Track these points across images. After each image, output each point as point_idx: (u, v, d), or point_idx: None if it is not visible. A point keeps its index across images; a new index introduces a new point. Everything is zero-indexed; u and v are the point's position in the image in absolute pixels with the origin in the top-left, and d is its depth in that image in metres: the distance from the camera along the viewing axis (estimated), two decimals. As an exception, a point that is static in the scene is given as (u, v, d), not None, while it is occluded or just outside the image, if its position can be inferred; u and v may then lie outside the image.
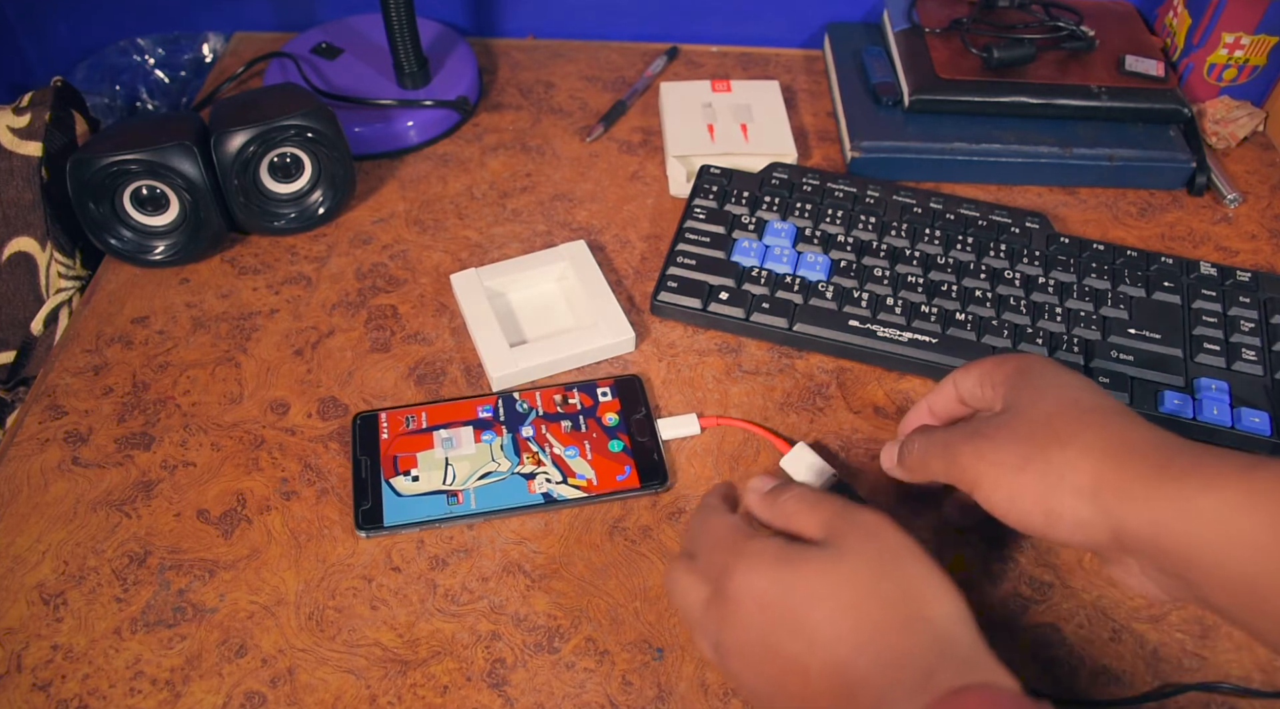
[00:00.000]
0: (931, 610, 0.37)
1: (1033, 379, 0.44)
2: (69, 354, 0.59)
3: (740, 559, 0.39)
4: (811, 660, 0.37)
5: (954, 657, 0.35)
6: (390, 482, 0.52)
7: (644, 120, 0.76)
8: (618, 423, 0.55)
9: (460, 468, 0.53)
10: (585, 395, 0.56)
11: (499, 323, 0.59)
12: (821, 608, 0.37)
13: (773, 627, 0.37)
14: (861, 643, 0.36)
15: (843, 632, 0.36)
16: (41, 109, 0.61)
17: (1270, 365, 0.57)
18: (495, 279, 0.61)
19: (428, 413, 0.55)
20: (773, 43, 0.84)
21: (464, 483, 0.52)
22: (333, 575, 0.50)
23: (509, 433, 0.54)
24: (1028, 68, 0.72)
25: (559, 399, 0.56)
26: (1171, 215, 0.70)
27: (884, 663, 0.35)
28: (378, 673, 0.46)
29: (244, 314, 0.62)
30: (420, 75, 0.73)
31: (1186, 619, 0.49)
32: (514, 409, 0.55)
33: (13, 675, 0.46)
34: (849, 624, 0.36)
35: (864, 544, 0.38)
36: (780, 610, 0.37)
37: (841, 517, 0.40)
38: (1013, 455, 0.42)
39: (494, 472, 0.53)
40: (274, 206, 0.64)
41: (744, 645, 0.38)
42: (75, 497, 0.53)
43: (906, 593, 0.37)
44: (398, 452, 0.53)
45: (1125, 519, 0.39)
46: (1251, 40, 0.72)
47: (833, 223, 0.63)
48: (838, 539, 0.39)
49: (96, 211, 0.60)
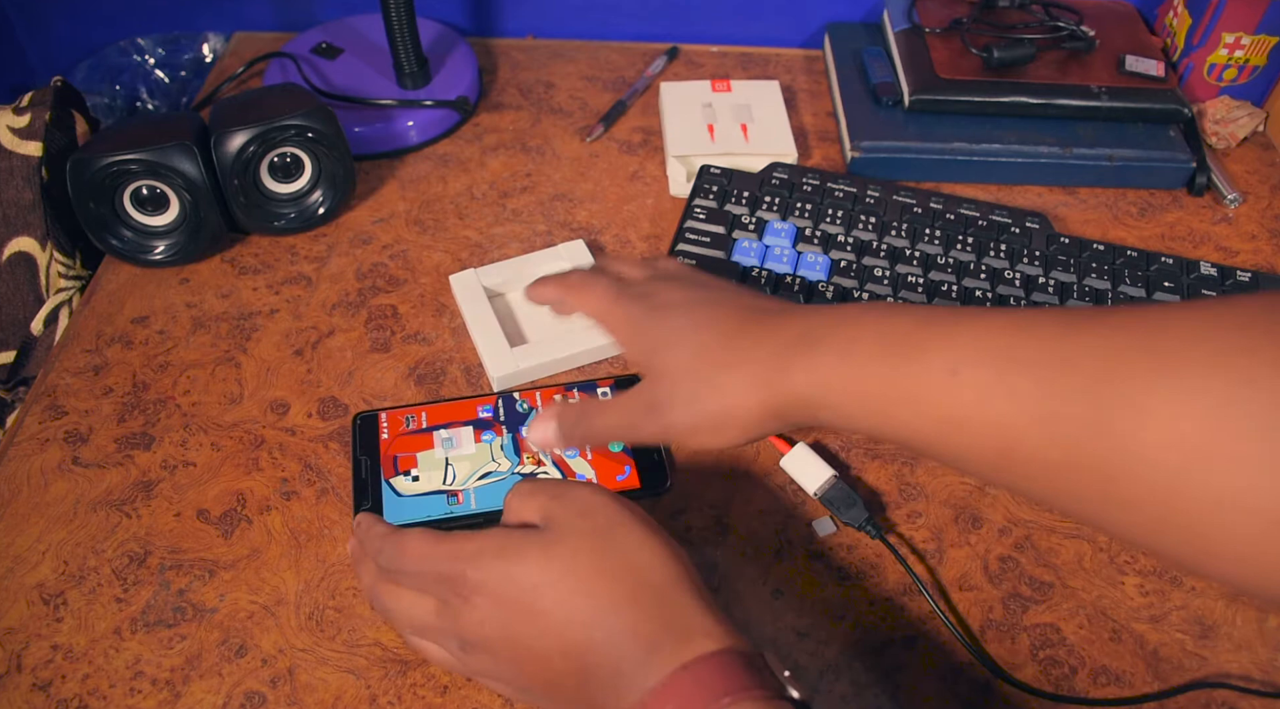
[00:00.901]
0: (654, 577, 0.38)
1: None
2: (69, 354, 0.59)
3: (462, 562, 0.39)
4: (550, 645, 0.38)
5: (678, 624, 0.37)
6: (390, 482, 0.52)
7: (644, 120, 0.76)
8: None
9: (460, 468, 0.53)
10: (585, 395, 0.56)
11: (498, 323, 0.59)
12: (549, 593, 0.38)
13: (509, 618, 0.39)
14: (591, 621, 0.37)
15: (573, 614, 0.38)
16: (41, 109, 0.61)
17: (1270, 365, 0.57)
18: (494, 279, 0.61)
19: (428, 413, 0.55)
20: (773, 43, 0.84)
21: (464, 483, 0.52)
22: (333, 575, 0.50)
23: (509, 433, 0.54)
24: (1028, 68, 0.72)
25: (559, 399, 0.56)
26: (1171, 215, 0.70)
27: (614, 639, 0.37)
28: (378, 673, 0.46)
29: (244, 314, 0.62)
30: (420, 75, 0.73)
31: (1186, 619, 0.49)
32: (514, 409, 0.55)
33: (13, 675, 0.46)
34: (578, 605, 0.38)
35: (580, 522, 0.40)
36: (513, 601, 0.38)
37: (555, 499, 0.41)
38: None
39: (494, 471, 0.53)
40: (274, 206, 0.64)
41: (488, 640, 0.39)
42: (75, 497, 0.53)
43: (629, 563, 0.38)
44: (398, 452, 0.53)
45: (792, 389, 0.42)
46: (1251, 40, 0.72)
47: (833, 223, 0.63)
48: (555, 522, 0.40)
49: (96, 211, 0.60)
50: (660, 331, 0.46)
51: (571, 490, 0.41)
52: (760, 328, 0.44)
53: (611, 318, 0.48)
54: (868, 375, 0.40)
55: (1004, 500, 0.53)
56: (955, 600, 0.49)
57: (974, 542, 0.52)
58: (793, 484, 0.53)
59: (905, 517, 0.52)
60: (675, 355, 0.45)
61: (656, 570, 0.38)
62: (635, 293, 0.48)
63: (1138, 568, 0.51)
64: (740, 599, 0.49)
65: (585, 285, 0.50)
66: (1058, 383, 0.35)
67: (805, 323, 0.43)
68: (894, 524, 0.52)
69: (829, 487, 0.52)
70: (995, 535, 0.52)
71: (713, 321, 0.45)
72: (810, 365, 0.41)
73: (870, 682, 0.47)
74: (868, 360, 0.40)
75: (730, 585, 0.50)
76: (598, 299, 0.49)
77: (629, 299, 0.48)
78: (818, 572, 0.50)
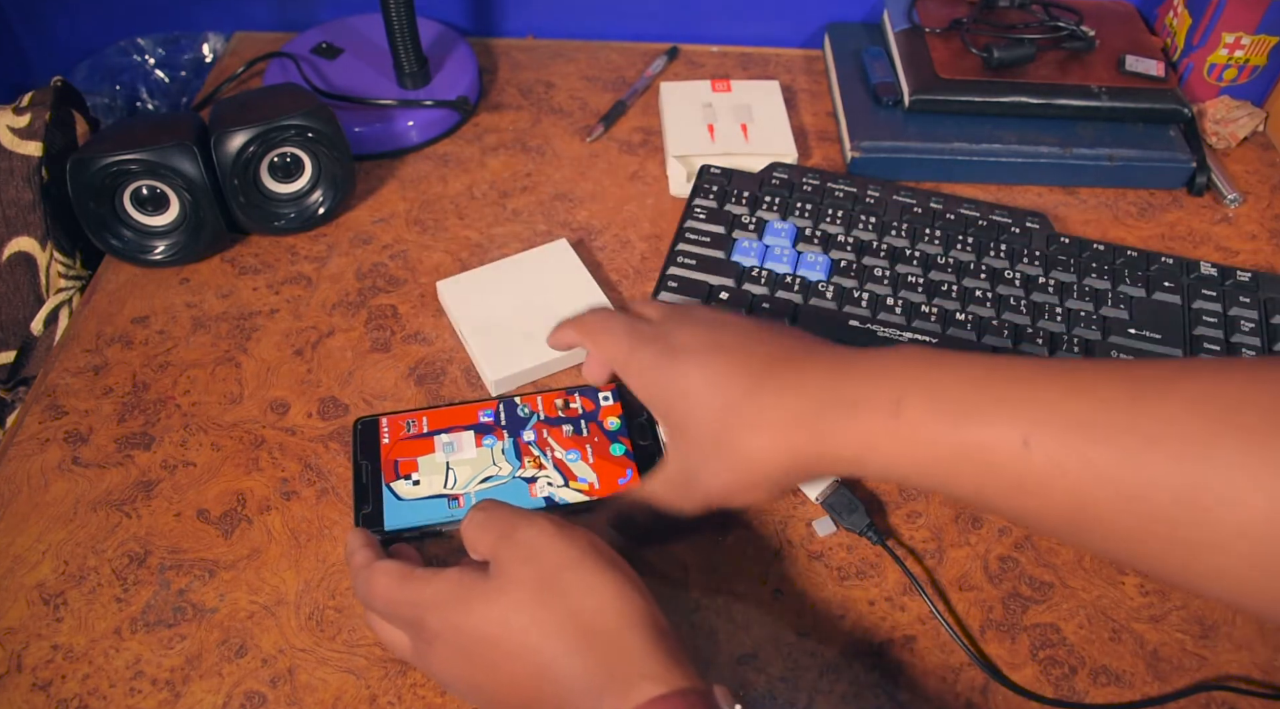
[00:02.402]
0: (601, 621, 0.38)
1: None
2: (69, 354, 0.59)
3: (421, 609, 0.40)
4: (507, 694, 0.39)
5: (622, 671, 0.36)
6: (391, 486, 0.52)
7: (644, 120, 0.76)
8: (619, 427, 0.55)
9: (461, 472, 0.53)
10: (587, 399, 0.56)
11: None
12: (499, 646, 0.38)
13: (467, 666, 0.39)
14: (539, 674, 0.37)
15: (521, 667, 0.38)
16: (41, 109, 0.61)
17: (1270, 365, 0.57)
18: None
19: (429, 417, 0.55)
20: (773, 43, 0.84)
21: (465, 487, 0.52)
22: (333, 575, 0.50)
23: (510, 437, 0.54)
24: (1028, 68, 0.72)
25: (560, 403, 0.55)
26: (1171, 215, 0.70)
27: (561, 692, 0.37)
28: (378, 673, 0.46)
29: (244, 314, 0.62)
30: (420, 75, 0.73)
31: (1186, 619, 0.49)
32: (515, 414, 0.55)
33: (13, 675, 0.46)
34: (525, 659, 0.38)
35: (524, 570, 0.39)
36: (468, 652, 0.39)
37: (503, 539, 0.40)
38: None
39: (495, 476, 0.52)
40: (274, 206, 0.64)
41: (454, 681, 0.41)
42: (75, 497, 0.53)
43: (574, 609, 0.38)
44: (398, 456, 0.53)
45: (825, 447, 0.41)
46: (1251, 40, 0.72)
47: (833, 223, 0.63)
48: (502, 566, 0.40)
49: (96, 211, 0.60)
50: (676, 383, 0.45)
51: (519, 530, 0.40)
52: (780, 381, 0.43)
53: (628, 367, 0.47)
54: (926, 439, 0.39)
55: (1004, 500, 0.53)
56: (955, 600, 0.49)
57: (974, 542, 0.52)
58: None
59: (905, 517, 0.52)
60: (697, 416, 0.44)
61: (604, 614, 0.38)
62: (650, 334, 0.47)
63: (1138, 568, 0.51)
64: (740, 599, 0.49)
65: (604, 329, 0.49)
66: (1138, 456, 0.35)
67: (836, 377, 0.42)
68: (894, 527, 0.52)
69: (831, 492, 0.52)
70: (995, 535, 0.52)
71: (729, 375, 0.44)
72: (851, 428, 0.40)
73: (870, 682, 0.47)
74: (924, 422, 0.39)
75: (730, 585, 0.50)
76: (614, 344, 0.48)
77: (643, 342, 0.47)
78: (818, 572, 0.50)
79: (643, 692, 0.35)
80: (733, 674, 0.47)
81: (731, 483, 0.44)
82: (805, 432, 0.41)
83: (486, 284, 0.61)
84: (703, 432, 0.44)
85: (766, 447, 0.42)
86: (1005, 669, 0.47)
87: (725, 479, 0.44)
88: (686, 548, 0.51)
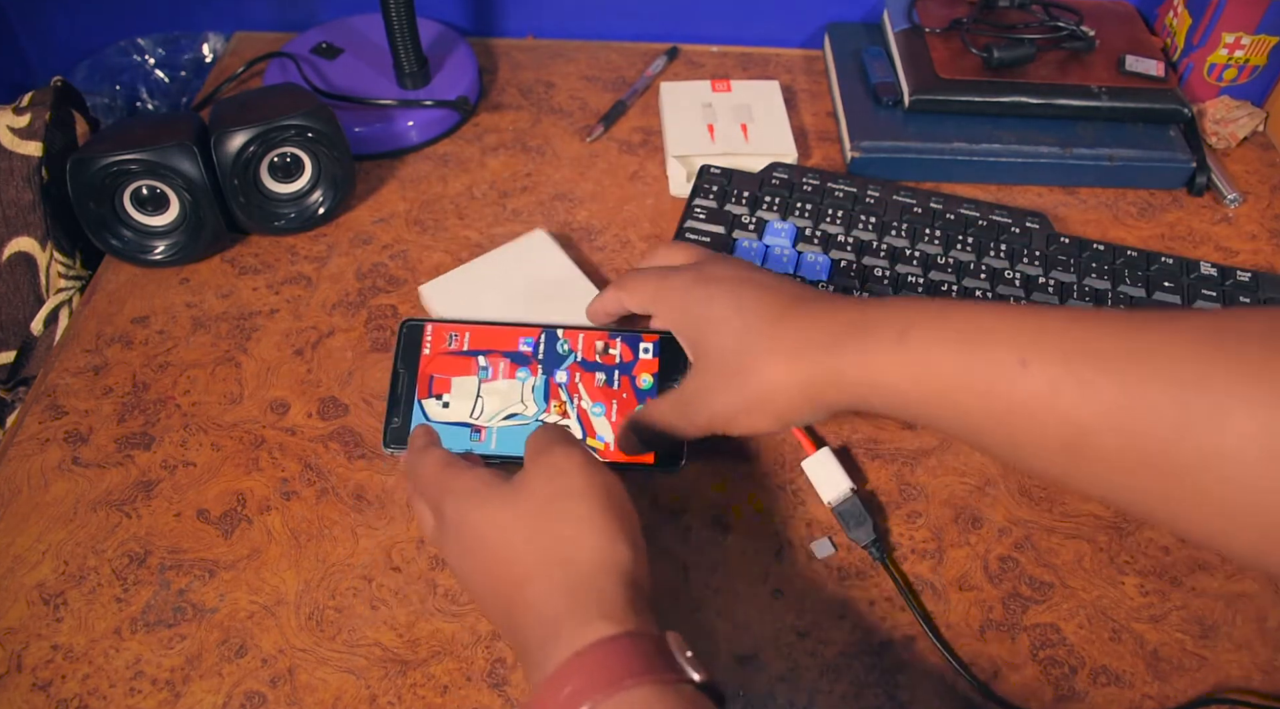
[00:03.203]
0: (582, 556, 0.39)
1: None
2: (69, 354, 0.59)
3: (445, 495, 0.43)
4: (489, 593, 0.41)
5: (582, 609, 0.37)
6: (423, 403, 0.53)
7: (644, 120, 0.76)
8: (650, 386, 0.54)
9: (490, 403, 0.53)
10: (627, 348, 0.55)
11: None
12: (491, 550, 0.41)
13: (466, 556, 0.42)
14: (514, 586, 0.39)
15: (503, 575, 0.40)
16: (41, 109, 0.61)
17: (1270, 365, 0.57)
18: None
19: (471, 333, 0.55)
20: (773, 43, 0.84)
21: (490, 419, 0.52)
22: (333, 575, 0.50)
23: (544, 374, 0.54)
24: (1028, 68, 0.72)
25: (600, 346, 0.55)
26: (1171, 215, 0.70)
27: (529, 610, 0.38)
28: (378, 673, 0.46)
29: (244, 314, 0.62)
30: (420, 75, 0.73)
31: (1186, 619, 0.49)
32: (554, 349, 0.55)
33: (13, 675, 0.46)
34: (507, 570, 0.40)
35: (543, 484, 0.41)
36: (468, 542, 0.42)
37: (540, 454, 0.43)
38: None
39: (520, 413, 0.53)
40: (274, 206, 0.64)
41: (457, 566, 0.43)
42: (75, 497, 0.53)
43: (561, 537, 0.40)
44: (435, 371, 0.54)
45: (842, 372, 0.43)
46: (1251, 40, 0.72)
47: (833, 223, 0.63)
48: (528, 475, 0.42)
49: (96, 211, 0.60)
50: (705, 309, 0.48)
51: (555, 452, 0.42)
52: (807, 313, 0.45)
53: (659, 298, 0.51)
54: (929, 361, 0.41)
55: (1004, 500, 0.53)
56: (955, 601, 0.49)
57: (974, 542, 0.52)
58: (793, 485, 0.53)
59: (905, 517, 0.52)
60: (719, 338, 0.47)
61: (587, 550, 0.39)
62: (681, 270, 0.51)
63: (1138, 568, 0.51)
64: (740, 599, 0.49)
65: (634, 277, 0.53)
66: (1136, 381, 0.36)
67: (856, 311, 0.44)
68: (894, 528, 0.52)
69: (844, 500, 0.51)
70: (995, 535, 0.52)
71: (758, 304, 0.47)
72: (863, 349, 0.42)
73: (870, 682, 0.47)
74: (929, 346, 0.41)
75: (730, 585, 0.50)
76: (644, 284, 0.52)
77: (675, 275, 0.50)
78: (817, 572, 0.50)
79: (596, 630, 0.36)
80: (733, 674, 0.47)
81: (739, 405, 0.46)
82: (817, 357, 0.44)
83: (470, 283, 0.61)
84: (723, 354, 0.46)
85: (780, 371, 0.44)
86: (1005, 669, 0.47)
87: (733, 400, 0.46)
88: (687, 548, 0.51)
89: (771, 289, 0.47)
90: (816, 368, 0.43)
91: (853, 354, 0.42)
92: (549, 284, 0.61)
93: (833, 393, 0.44)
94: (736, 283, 0.48)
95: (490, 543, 0.41)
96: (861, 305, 0.45)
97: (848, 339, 0.43)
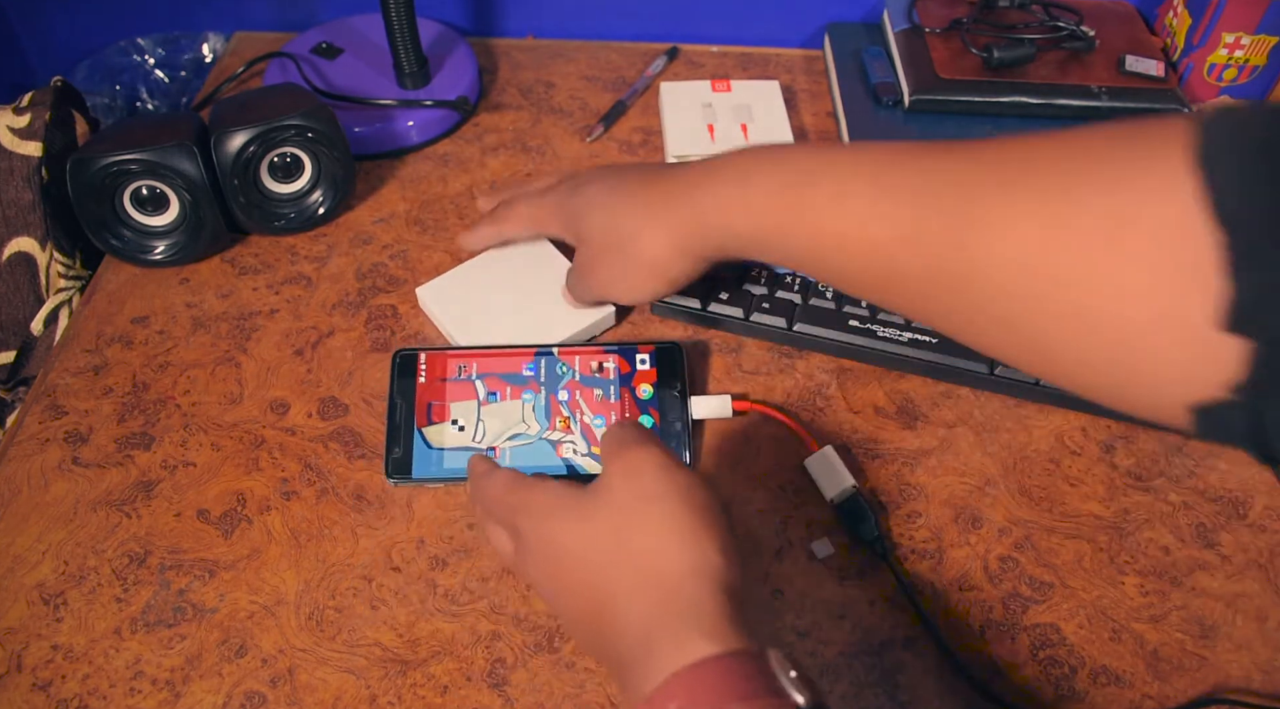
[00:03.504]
0: (671, 564, 0.38)
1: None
2: (69, 354, 0.59)
3: (519, 514, 0.42)
4: (579, 607, 0.40)
5: (678, 623, 0.36)
6: (422, 431, 0.52)
7: (644, 120, 0.76)
8: (651, 396, 0.54)
9: (491, 425, 0.53)
10: (623, 360, 0.55)
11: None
12: (576, 562, 0.39)
13: (549, 575, 0.41)
14: (604, 603, 0.38)
15: (589, 588, 0.39)
16: (41, 109, 0.61)
17: (1270, 365, 0.57)
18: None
19: (466, 359, 0.55)
20: (773, 43, 0.84)
21: (493, 441, 0.52)
22: (333, 575, 0.50)
23: (544, 392, 0.54)
24: (1028, 68, 0.72)
25: (595, 364, 0.55)
26: (1171, 215, 0.70)
27: (619, 626, 0.37)
28: (378, 673, 0.46)
29: (244, 314, 0.62)
30: (420, 75, 0.73)
31: (1186, 619, 0.49)
32: (553, 369, 0.55)
33: (13, 675, 0.46)
34: (592, 583, 0.39)
35: (622, 486, 0.40)
36: (551, 560, 0.40)
37: (617, 454, 0.41)
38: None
39: (523, 433, 0.53)
40: (274, 206, 0.64)
41: (541, 586, 0.41)
42: (75, 497, 0.53)
43: (646, 548, 0.38)
44: (433, 398, 0.54)
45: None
46: (1251, 40, 0.72)
47: (833, 223, 0.63)
48: (606, 479, 0.41)
49: (96, 211, 0.60)
50: (579, 202, 0.55)
51: (632, 449, 0.41)
52: (668, 175, 0.52)
53: (541, 213, 0.57)
54: (765, 197, 0.46)
55: (1004, 500, 0.53)
56: (955, 601, 0.49)
57: (974, 542, 0.52)
58: (793, 485, 0.53)
59: (905, 517, 0.52)
60: (594, 217, 0.53)
61: (674, 558, 0.38)
62: (554, 186, 0.58)
63: (1138, 568, 0.51)
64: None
65: (508, 209, 0.59)
66: (922, 207, 0.40)
67: (707, 164, 0.50)
68: (894, 528, 0.52)
69: (845, 496, 0.51)
70: (995, 535, 0.52)
71: (622, 184, 0.53)
72: (712, 192, 0.48)
73: (870, 682, 0.47)
74: (764, 185, 0.46)
75: (730, 585, 0.50)
76: (523, 209, 0.58)
77: (552, 191, 0.58)
78: (818, 572, 0.50)
79: (696, 648, 0.34)
80: (733, 674, 0.47)
81: (620, 270, 0.53)
82: (678, 209, 0.50)
83: (466, 284, 0.61)
84: (601, 230, 0.53)
85: (649, 228, 0.51)
86: (1005, 669, 0.47)
87: (615, 266, 0.53)
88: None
89: (636, 168, 0.55)
90: (678, 218, 0.50)
91: (707, 199, 0.48)
92: (545, 284, 0.61)
93: (698, 241, 0.50)
94: (605, 172, 0.55)
95: (573, 559, 0.39)
96: (710, 160, 0.50)
97: (701, 188, 0.49)
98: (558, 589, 0.40)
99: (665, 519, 0.38)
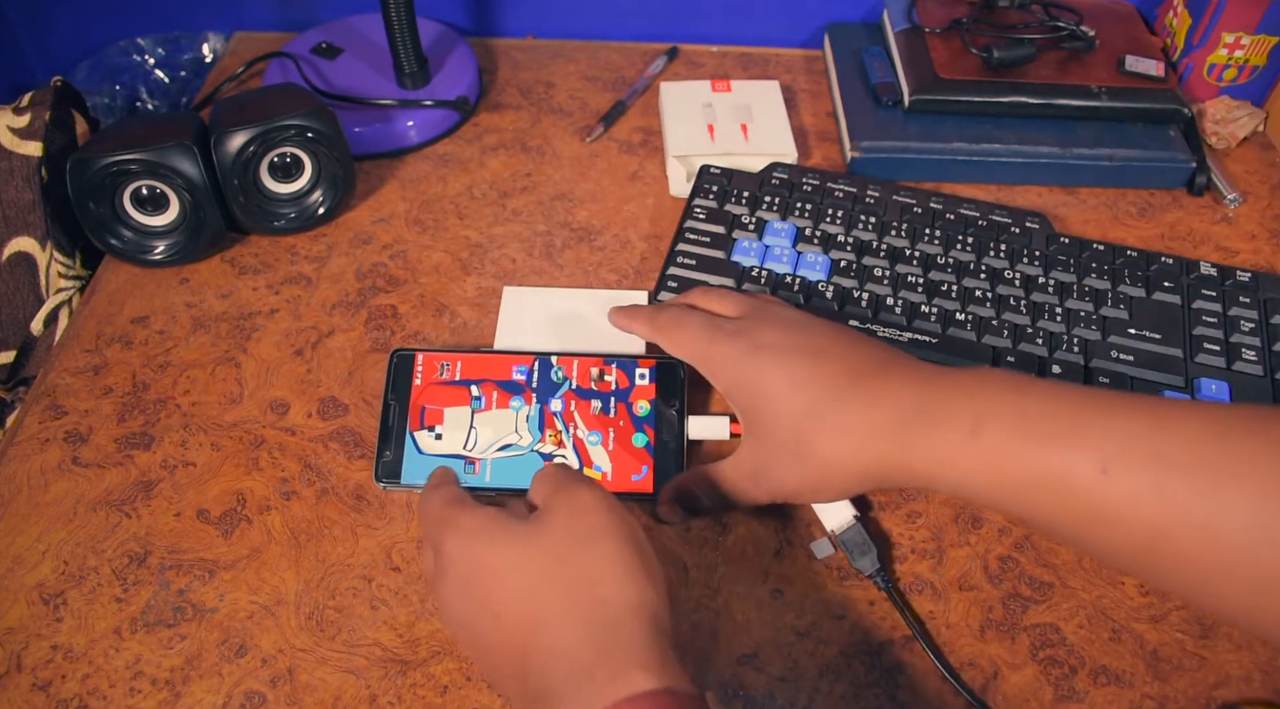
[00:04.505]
0: (611, 597, 0.37)
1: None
2: (69, 354, 0.59)
3: (445, 532, 0.40)
4: (495, 638, 0.38)
5: (618, 655, 0.35)
6: (414, 435, 0.52)
7: (644, 120, 0.76)
8: (648, 413, 0.53)
9: (483, 433, 0.52)
10: (623, 374, 0.54)
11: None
12: (507, 584, 0.38)
13: (468, 598, 0.39)
14: (536, 626, 0.37)
15: (522, 613, 0.37)
16: (41, 109, 0.61)
17: (1270, 365, 0.57)
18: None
19: (463, 363, 0.54)
20: (773, 43, 0.84)
21: (484, 451, 0.52)
22: (333, 575, 0.50)
23: (538, 403, 0.53)
24: (1028, 68, 0.72)
25: (595, 373, 0.54)
26: (1171, 215, 0.70)
27: (553, 653, 0.36)
28: (378, 673, 0.46)
29: (244, 314, 0.62)
30: (420, 75, 0.73)
31: (1186, 619, 0.49)
32: (549, 377, 0.54)
33: (13, 675, 0.46)
34: (527, 607, 0.37)
35: (566, 521, 0.39)
36: (474, 584, 0.39)
37: (559, 491, 0.41)
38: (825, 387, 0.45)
39: (514, 444, 0.52)
40: (274, 206, 0.64)
41: (451, 610, 0.40)
42: (75, 497, 0.53)
43: (588, 577, 0.38)
44: (427, 402, 0.53)
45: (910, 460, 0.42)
46: (1251, 40, 0.72)
47: (833, 223, 0.63)
48: (547, 513, 0.40)
49: (96, 211, 0.60)
50: (759, 382, 0.46)
51: (578, 488, 0.41)
52: (870, 392, 0.44)
53: (710, 363, 0.49)
54: (1004, 458, 0.40)
55: (1004, 500, 0.53)
56: (955, 601, 0.49)
57: (974, 542, 0.52)
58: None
59: (905, 517, 0.52)
60: (778, 416, 0.45)
61: (616, 592, 0.37)
62: (730, 331, 0.48)
63: (1138, 568, 0.51)
64: (740, 599, 0.49)
65: (678, 326, 0.50)
66: (1218, 493, 0.36)
67: (923, 391, 0.43)
68: (894, 528, 0.52)
69: (847, 528, 0.50)
70: (995, 535, 0.52)
71: (815, 380, 0.45)
72: (932, 442, 0.41)
73: (870, 682, 0.47)
74: (1002, 445, 0.40)
75: (730, 585, 0.50)
76: (692, 341, 0.50)
77: (725, 339, 0.48)
78: (818, 572, 0.50)
79: (635, 681, 0.34)
80: (733, 674, 0.47)
81: (804, 483, 0.46)
82: (885, 443, 0.43)
83: (549, 304, 0.60)
84: (782, 431, 0.45)
85: (845, 453, 0.44)
86: (1005, 669, 0.47)
87: (799, 478, 0.45)
88: (687, 548, 0.51)
89: (826, 359, 0.46)
90: (882, 456, 0.43)
91: (921, 448, 0.42)
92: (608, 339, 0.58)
93: (899, 477, 0.44)
94: (787, 352, 0.46)
95: (497, 579, 0.38)
96: (926, 383, 0.43)
97: (915, 429, 0.42)
98: (474, 613, 0.39)
99: (610, 554, 0.38)
